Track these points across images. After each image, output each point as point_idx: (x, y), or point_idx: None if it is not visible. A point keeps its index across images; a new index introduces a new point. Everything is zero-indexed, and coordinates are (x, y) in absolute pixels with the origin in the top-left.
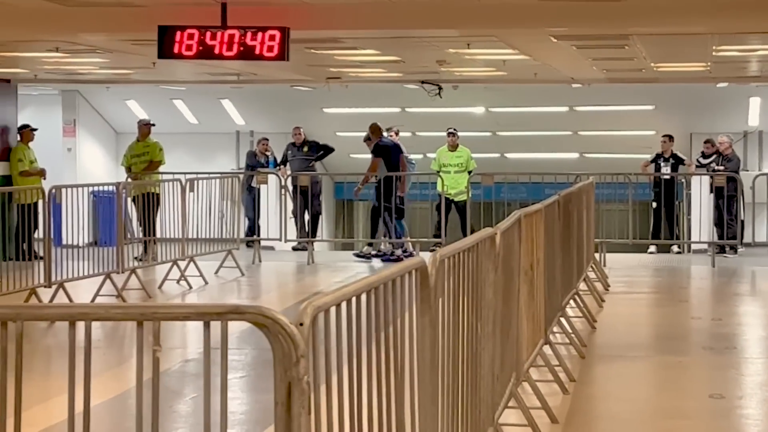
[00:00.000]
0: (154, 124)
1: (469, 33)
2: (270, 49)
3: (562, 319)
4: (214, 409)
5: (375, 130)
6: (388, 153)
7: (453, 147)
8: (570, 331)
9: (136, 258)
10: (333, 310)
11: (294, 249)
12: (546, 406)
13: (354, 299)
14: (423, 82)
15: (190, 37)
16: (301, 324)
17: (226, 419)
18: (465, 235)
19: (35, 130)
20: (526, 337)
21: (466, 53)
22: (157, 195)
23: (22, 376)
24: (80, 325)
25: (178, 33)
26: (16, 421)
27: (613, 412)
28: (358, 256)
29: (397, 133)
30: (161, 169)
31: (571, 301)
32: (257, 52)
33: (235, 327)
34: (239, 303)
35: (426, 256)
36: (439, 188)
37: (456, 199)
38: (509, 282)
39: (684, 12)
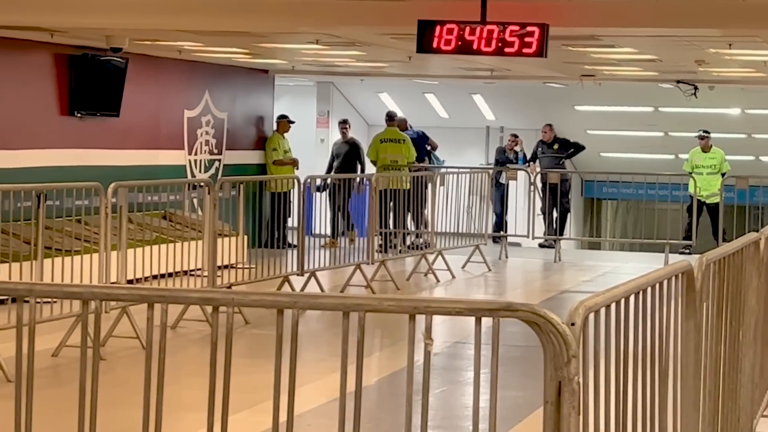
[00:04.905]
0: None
1: (732, 33)
2: (528, 45)
3: None
4: (460, 402)
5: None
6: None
7: (706, 148)
8: None
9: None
10: (603, 310)
11: (541, 246)
12: None
13: (623, 301)
14: (678, 82)
15: (450, 32)
16: (573, 324)
17: (495, 415)
18: (716, 238)
19: (293, 122)
20: None
21: (727, 53)
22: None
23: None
24: (353, 316)
25: (438, 27)
26: (290, 400)
27: None
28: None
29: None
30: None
31: None
32: (515, 48)
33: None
34: (512, 300)
35: (691, 260)
36: (691, 190)
37: (708, 202)
38: None
39: None
